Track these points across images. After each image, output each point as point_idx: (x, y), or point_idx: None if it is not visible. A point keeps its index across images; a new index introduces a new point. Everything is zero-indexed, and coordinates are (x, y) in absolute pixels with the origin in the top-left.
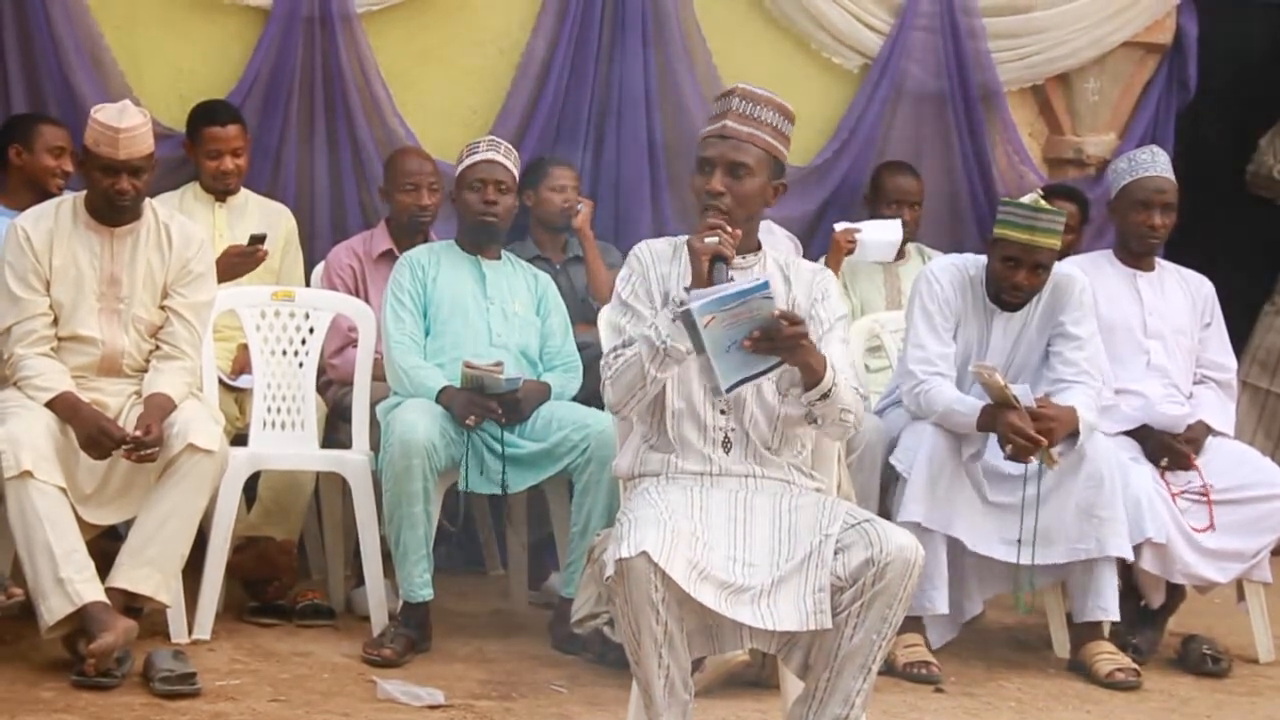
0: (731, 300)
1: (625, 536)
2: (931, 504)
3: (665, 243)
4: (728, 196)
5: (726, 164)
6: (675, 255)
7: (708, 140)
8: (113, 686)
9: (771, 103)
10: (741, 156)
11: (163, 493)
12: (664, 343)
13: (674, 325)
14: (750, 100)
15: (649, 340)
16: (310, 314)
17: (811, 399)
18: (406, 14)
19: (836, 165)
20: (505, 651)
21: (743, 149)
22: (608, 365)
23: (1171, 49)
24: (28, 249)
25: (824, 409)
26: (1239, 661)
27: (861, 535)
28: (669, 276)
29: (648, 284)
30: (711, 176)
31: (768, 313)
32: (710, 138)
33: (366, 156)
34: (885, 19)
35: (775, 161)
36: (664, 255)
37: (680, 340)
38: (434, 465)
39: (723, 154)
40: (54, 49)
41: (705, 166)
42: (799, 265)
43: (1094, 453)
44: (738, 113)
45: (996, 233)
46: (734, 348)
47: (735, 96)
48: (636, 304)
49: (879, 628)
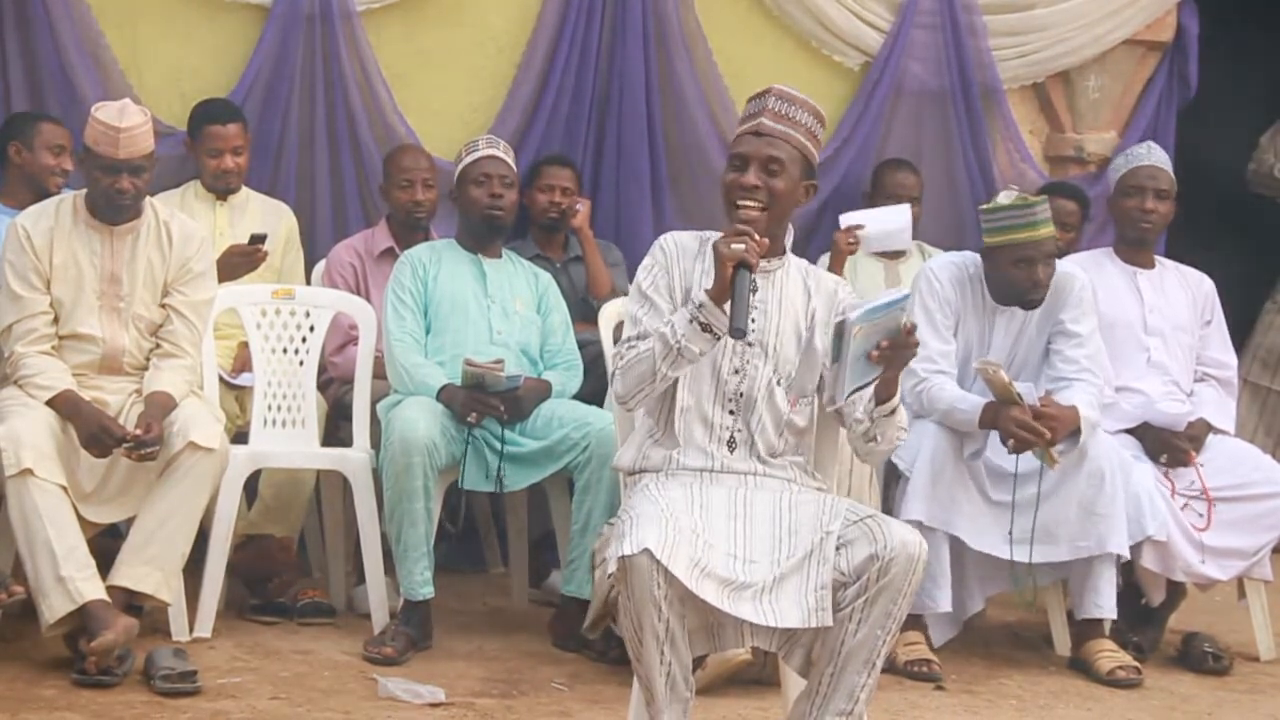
0: (880, 311)
1: (627, 534)
2: (933, 503)
3: (691, 237)
4: (763, 191)
5: (761, 160)
6: (701, 252)
7: (742, 137)
8: (114, 684)
9: (807, 105)
10: (776, 152)
11: (163, 491)
12: (679, 342)
13: (691, 326)
14: (786, 100)
15: (664, 338)
16: (311, 312)
17: (882, 413)
18: (407, 12)
19: (837, 163)
20: (506, 649)
21: (777, 145)
22: (619, 356)
23: (1172, 47)
24: (28, 247)
25: (886, 425)
26: (1240, 659)
27: (865, 531)
28: (691, 272)
29: (669, 277)
30: (745, 172)
31: (898, 324)
32: (745, 135)
33: (367, 155)
34: (886, 17)
35: (807, 162)
36: (689, 251)
37: (695, 342)
38: (435, 463)
39: (757, 150)
40: (55, 47)
41: (738, 162)
42: (820, 277)
43: (1095, 451)
44: (773, 111)
45: (995, 241)
46: (861, 357)
47: (771, 96)
48: (655, 296)
49: (883, 623)
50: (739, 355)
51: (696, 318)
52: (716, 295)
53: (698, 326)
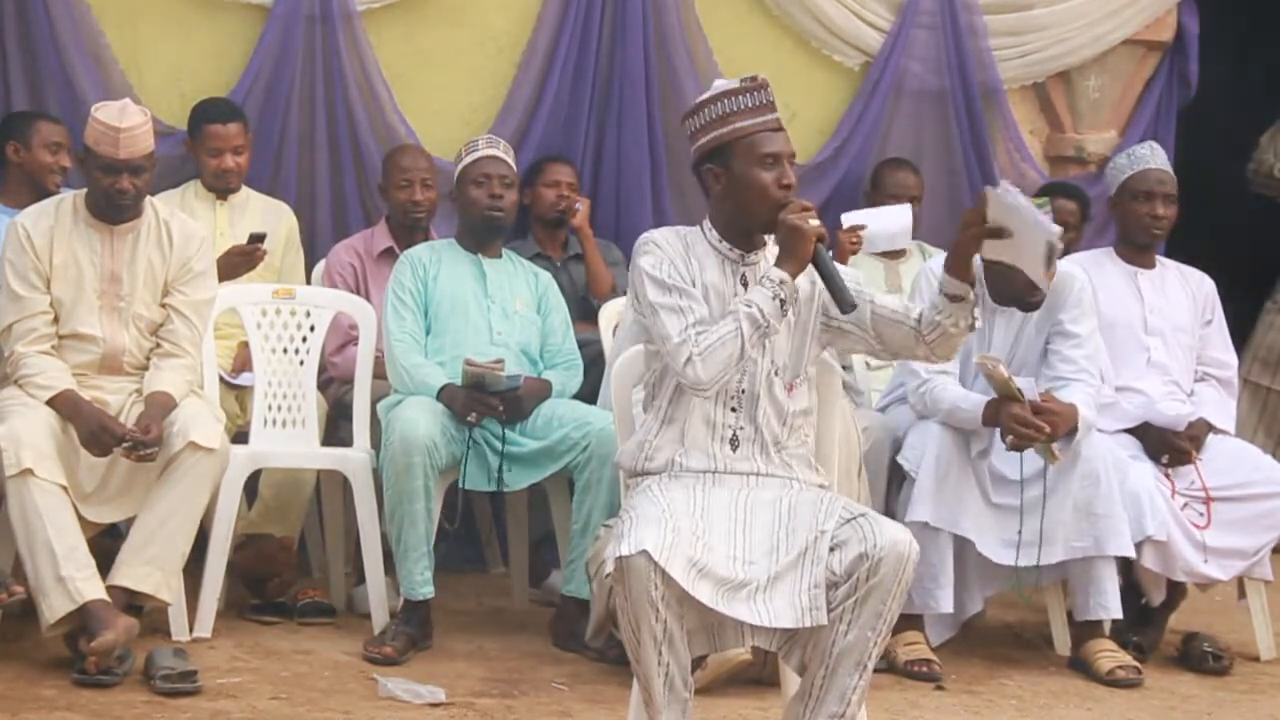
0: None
1: (626, 534)
2: (939, 503)
3: (672, 233)
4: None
5: (789, 156)
6: (688, 249)
7: (763, 135)
8: (114, 684)
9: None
10: (792, 146)
11: (163, 491)
12: (767, 320)
13: (774, 303)
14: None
15: (753, 318)
16: (311, 312)
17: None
18: (407, 12)
19: (837, 163)
20: (506, 649)
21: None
22: (691, 342)
23: (1172, 46)
24: (28, 247)
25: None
26: (1240, 659)
27: (856, 530)
28: (689, 267)
29: (677, 268)
30: (781, 169)
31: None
32: (764, 132)
33: (367, 155)
34: (886, 16)
35: None
36: (676, 245)
37: (777, 319)
38: (435, 463)
39: (784, 147)
40: (55, 47)
41: (769, 161)
42: None
43: (1090, 451)
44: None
45: None
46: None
47: (767, 88)
48: (681, 284)
49: (873, 624)
50: None
51: (779, 294)
52: (794, 270)
53: (779, 303)
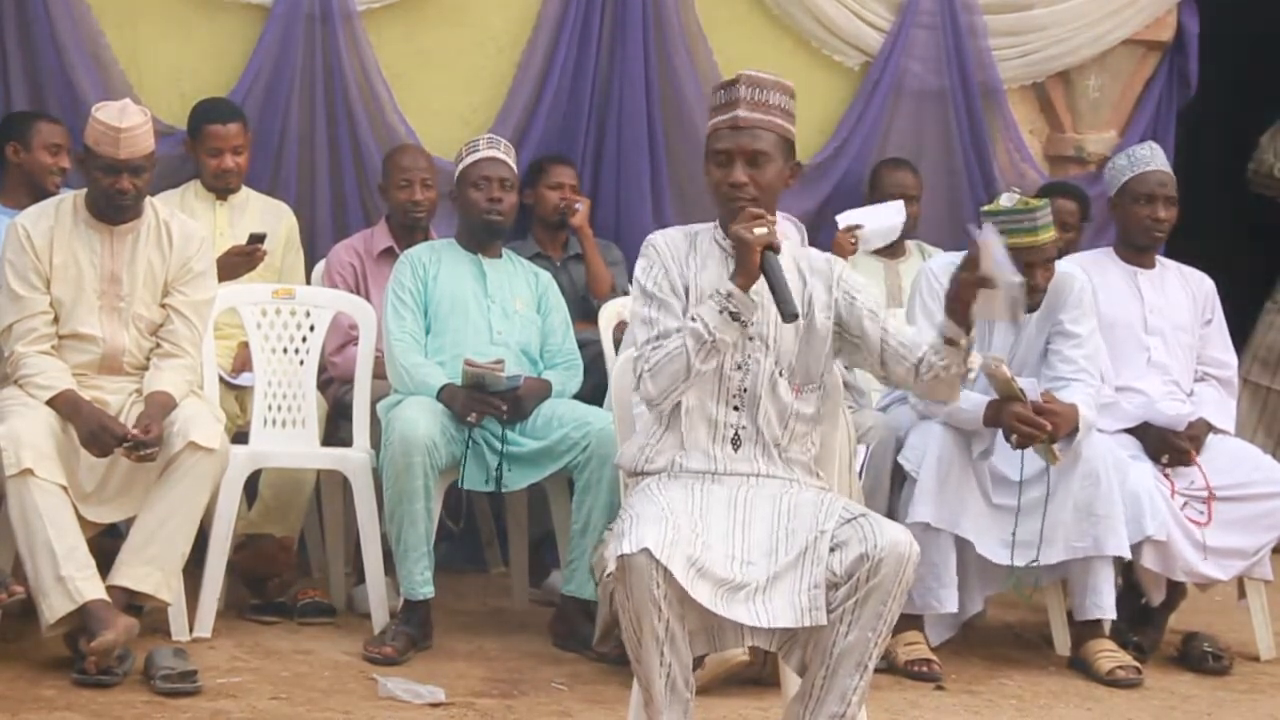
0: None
1: (627, 533)
2: (940, 504)
3: (680, 233)
4: (750, 186)
5: (746, 154)
6: (693, 247)
7: (720, 132)
8: (113, 684)
9: (777, 85)
10: (760, 145)
11: (163, 491)
12: (712, 335)
13: (721, 317)
14: (757, 86)
15: (696, 333)
16: (311, 312)
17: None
18: (407, 12)
19: (837, 163)
20: (506, 649)
21: (760, 137)
22: (644, 359)
23: (1172, 46)
24: (28, 247)
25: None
26: (1240, 659)
27: (856, 531)
28: (687, 268)
29: (669, 274)
30: (731, 168)
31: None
32: (722, 129)
33: (367, 155)
34: (886, 16)
35: (788, 144)
36: (681, 247)
37: (727, 332)
38: (435, 463)
39: (740, 145)
40: (55, 47)
41: (721, 158)
42: (810, 256)
43: (1090, 452)
44: (748, 101)
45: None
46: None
47: (742, 85)
48: (663, 295)
49: (874, 624)
50: (740, 350)
51: (726, 308)
52: (743, 283)
53: (728, 316)
